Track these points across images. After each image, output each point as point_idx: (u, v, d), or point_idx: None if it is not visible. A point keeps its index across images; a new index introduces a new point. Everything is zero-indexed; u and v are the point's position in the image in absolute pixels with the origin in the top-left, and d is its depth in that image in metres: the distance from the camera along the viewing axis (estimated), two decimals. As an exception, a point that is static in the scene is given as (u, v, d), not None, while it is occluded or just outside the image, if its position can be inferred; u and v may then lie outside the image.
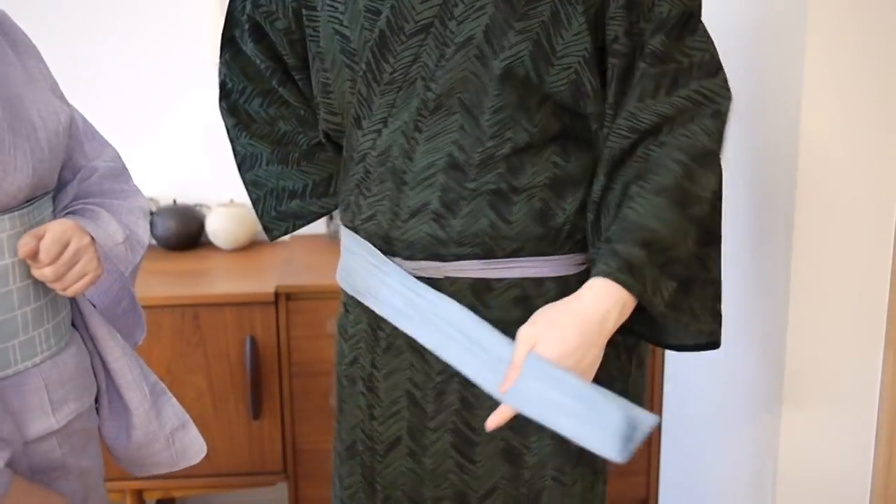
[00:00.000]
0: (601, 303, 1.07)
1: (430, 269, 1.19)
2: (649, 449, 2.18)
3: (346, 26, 1.16)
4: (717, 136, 1.13)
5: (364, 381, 1.28)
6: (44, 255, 1.07)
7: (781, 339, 1.49)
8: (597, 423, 1.03)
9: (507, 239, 1.17)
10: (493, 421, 1.11)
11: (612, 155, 1.13)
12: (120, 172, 1.27)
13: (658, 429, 2.14)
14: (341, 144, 1.29)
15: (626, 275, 1.06)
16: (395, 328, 1.22)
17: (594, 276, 1.09)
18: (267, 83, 1.32)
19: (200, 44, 2.48)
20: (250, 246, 2.50)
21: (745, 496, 1.67)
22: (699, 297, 1.15)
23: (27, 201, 1.09)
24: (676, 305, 1.12)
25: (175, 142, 2.53)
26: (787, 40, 1.45)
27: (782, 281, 1.48)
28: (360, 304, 1.27)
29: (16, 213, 1.07)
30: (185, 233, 2.42)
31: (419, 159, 1.15)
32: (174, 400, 1.32)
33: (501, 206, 1.16)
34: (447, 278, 1.18)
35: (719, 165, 1.13)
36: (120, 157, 1.30)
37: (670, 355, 2.09)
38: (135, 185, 1.29)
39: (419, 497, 1.26)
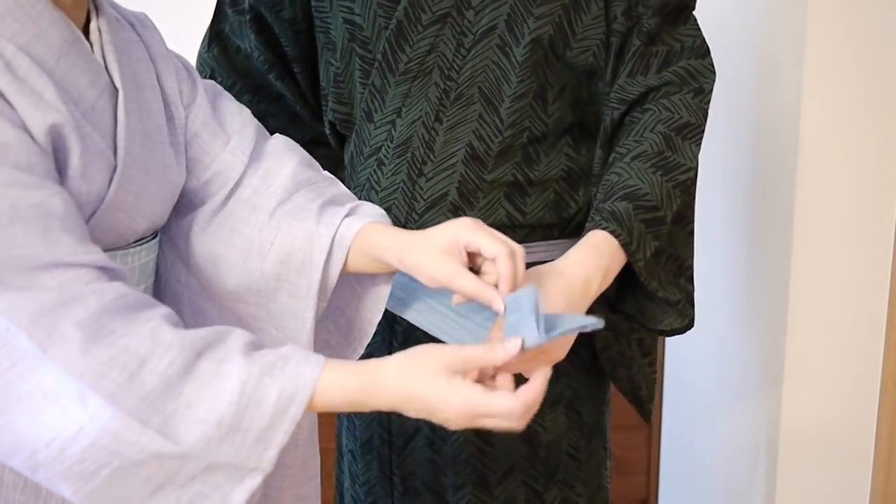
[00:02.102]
0: (584, 265, 1.03)
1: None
2: (649, 448, 2.18)
3: (357, 14, 1.17)
4: (699, 111, 1.15)
5: None
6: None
7: (781, 338, 1.49)
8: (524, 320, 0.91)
9: (522, 227, 1.18)
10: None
11: (604, 128, 1.17)
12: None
13: (658, 429, 2.14)
14: (343, 138, 1.28)
15: (612, 223, 1.05)
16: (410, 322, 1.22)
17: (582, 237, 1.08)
18: (261, 78, 1.30)
19: (200, 42, 2.48)
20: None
21: (745, 496, 1.67)
22: (664, 268, 1.16)
23: (140, 239, 0.97)
24: (649, 268, 1.11)
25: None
26: (787, 40, 1.45)
27: (782, 280, 1.48)
28: None
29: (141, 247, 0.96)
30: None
31: (440, 150, 1.16)
32: None
33: (517, 197, 1.17)
34: None
35: (700, 138, 1.15)
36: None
37: (671, 356, 2.09)
38: None
39: (439, 485, 1.26)
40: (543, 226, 1.19)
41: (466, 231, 0.92)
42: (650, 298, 1.18)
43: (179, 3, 2.46)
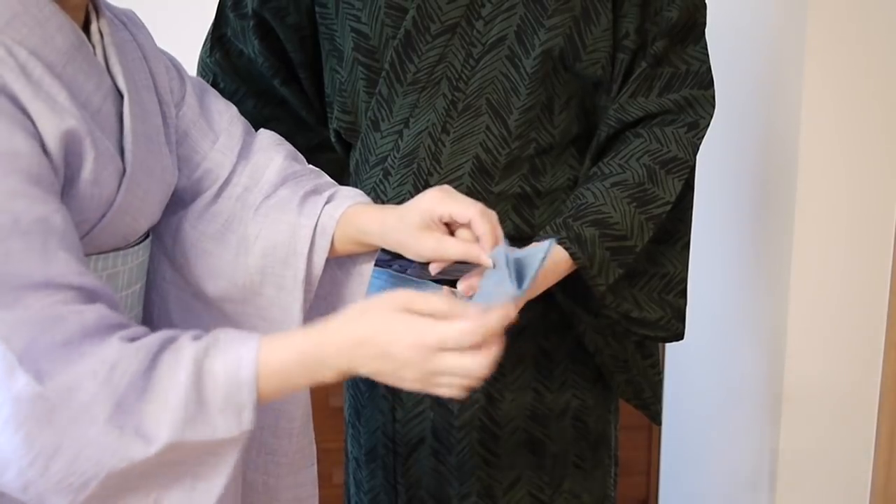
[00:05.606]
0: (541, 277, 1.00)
1: (453, 272, 1.19)
2: (649, 449, 2.18)
3: (364, 23, 1.15)
4: (689, 147, 1.15)
5: (385, 384, 1.26)
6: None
7: (781, 339, 1.49)
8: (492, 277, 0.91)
9: (530, 240, 1.18)
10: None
11: (598, 142, 1.17)
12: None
13: (658, 429, 2.14)
14: (349, 145, 1.27)
15: (575, 246, 1.07)
16: None
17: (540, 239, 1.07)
18: (265, 83, 1.28)
19: (200, 43, 2.48)
20: (250, 246, 2.48)
21: (745, 496, 1.67)
22: (645, 288, 1.17)
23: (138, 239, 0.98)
24: (618, 292, 1.13)
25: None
26: (787, 40, 1.45)
27: (783, 280, 1.48)
28: None
29: (139, 246, 0.98)
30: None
31: (446, 161, 1.15)
32: None
33: (525, 210, 1.17)
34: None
35: (686, 173, 1.15)
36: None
37: (671, 356, 2.09)
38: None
39: (444, 495, 1.26)
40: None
41: (436, 204, 0.93)
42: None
43: (159, 2, 2.45)
